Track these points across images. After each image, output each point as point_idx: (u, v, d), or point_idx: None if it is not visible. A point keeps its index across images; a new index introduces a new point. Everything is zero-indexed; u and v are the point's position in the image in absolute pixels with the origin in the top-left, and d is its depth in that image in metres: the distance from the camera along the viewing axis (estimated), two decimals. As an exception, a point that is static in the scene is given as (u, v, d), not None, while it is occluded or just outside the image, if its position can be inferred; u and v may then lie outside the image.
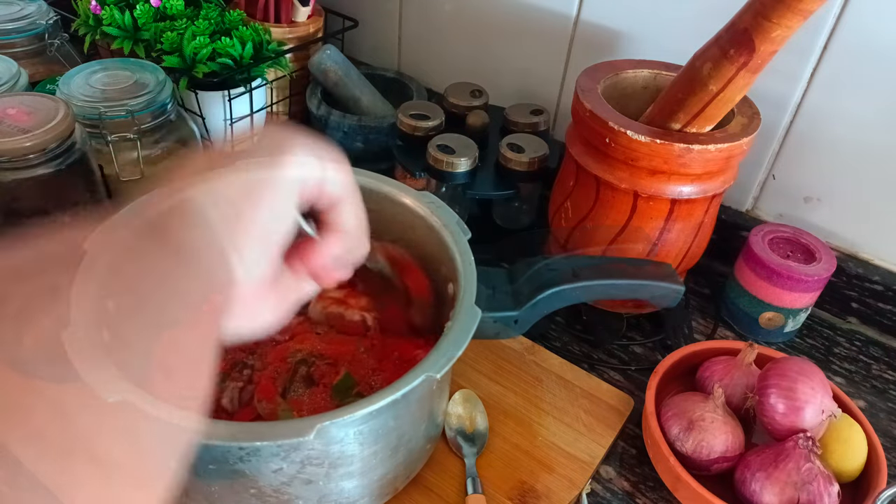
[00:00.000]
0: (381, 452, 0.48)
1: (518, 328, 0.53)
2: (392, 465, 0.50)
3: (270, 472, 0.44)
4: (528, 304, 0.52)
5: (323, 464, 0.45)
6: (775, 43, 0.52)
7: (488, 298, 0.52)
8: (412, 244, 0.60)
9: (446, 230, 0.55)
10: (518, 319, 0.53)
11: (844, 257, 0.75)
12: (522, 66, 0.90)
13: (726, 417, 0.57)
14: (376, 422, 0.45)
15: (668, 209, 0.63)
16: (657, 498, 0.59)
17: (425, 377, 0.43)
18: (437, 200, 0.58)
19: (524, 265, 0.56)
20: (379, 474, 0.50)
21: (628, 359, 0.71)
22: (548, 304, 0.54)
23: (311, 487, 0.46)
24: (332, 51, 0.87)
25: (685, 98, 0.59)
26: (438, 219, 0.56)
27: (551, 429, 0.62)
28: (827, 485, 0.53)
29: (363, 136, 0.89)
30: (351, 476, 0.47)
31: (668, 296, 0.55)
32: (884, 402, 0.69)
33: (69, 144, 0.68)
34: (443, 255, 0.55)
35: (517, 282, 0.54)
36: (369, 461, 0.48)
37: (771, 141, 0.75)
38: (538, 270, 0.55)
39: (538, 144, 0.75)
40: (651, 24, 0.77)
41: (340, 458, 0.45)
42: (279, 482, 0.45)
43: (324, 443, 0.44)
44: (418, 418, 0.51)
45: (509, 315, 0.52)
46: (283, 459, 0.43)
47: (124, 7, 0.86)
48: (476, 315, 0.47)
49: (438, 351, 0.45)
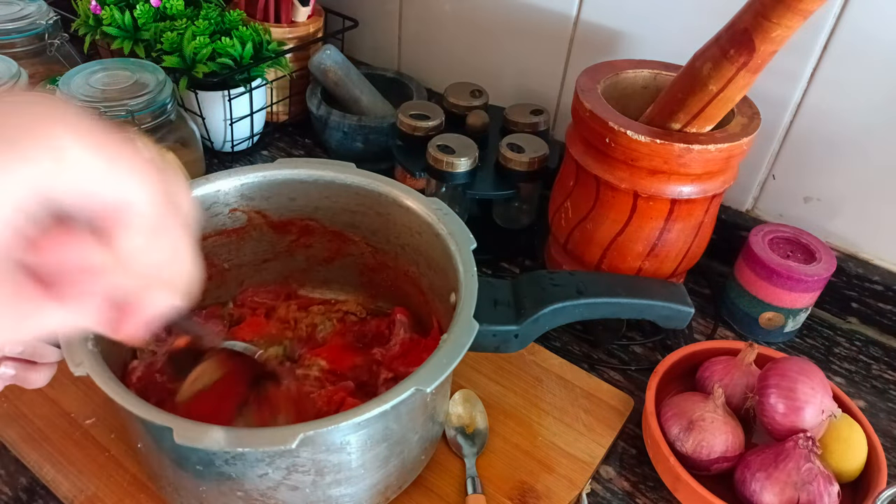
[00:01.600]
0: (370, 462, 0.47)
1: (518, 343, 0.52)
2: (382, 475, 0.50)
3: (256, 477, 0.44)
4: (529, 318, 0.51)
5: (309, 471, 0.44)
6: (775, 43, 0.52)
7: (490, 311, 0.51)
8: (418, 250, 0.60)
9: (452, 239, 0.54)
10: (519, 334, 0.52)
11: (844, 257, 0.75)
12: (522, 66, 0.90)
13: (726, 417, 0.57)
14: (364, 432, 0.45)
15: (668, 209, 0.63)
16: (657, 498, 0.59)
17: (414, 390, 0.42)
18: (444, 207, 0.57)
19: (528, 278, 0.55)
20: (368, 484, 0.49)
21: (628, 359, 0.71)
22: (550, 321, 0.53)
23: (297, 494, 0.46)
24: (332, 51, 0.87)
25: (685, 98, 0.59)
26: (445, 226, 0.56)
27: (551, 429, 0.61)
28: (827, 485, 0.53)
29: (363, 136, 0.89)
30: (338, 484, 0.47)
31: (676, 317, 0.54)
32: (884, 402, 0.69)
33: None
34: (447, 264, 0.54)
35: (520, 295, 0.53)
36: (357, 470, 0.47)
37: (771, 141, 0.75)
38: (542, 285, 0.53)
39: (538, 144, 0.75)
40: (651, 24, 0.77)
41: (327, 467, 0.45)
42: (265, 486, 0.45)
43: (309, 451, 0.43)
44: (410, 429, 0.50)
45: (510, 329, 0.51)
46: (268, 465, 0.43)
47: (124, 7, 0.86)
48: (473, 329, 0.47)
49: (430, 364, 0.44)
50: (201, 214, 0.59)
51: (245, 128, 0.92)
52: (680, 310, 0.53)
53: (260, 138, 0.98)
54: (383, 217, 0.61)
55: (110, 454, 0.56)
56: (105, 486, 0.54)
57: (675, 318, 0.54)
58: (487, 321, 0.49)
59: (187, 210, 0.28)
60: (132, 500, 0.53)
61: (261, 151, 0.97)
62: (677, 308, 0.53)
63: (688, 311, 0.53)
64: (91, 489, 0.54)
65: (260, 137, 0.97)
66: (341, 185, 0.61)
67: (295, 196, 0.62)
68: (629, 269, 0.67)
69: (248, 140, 0.95)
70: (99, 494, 0.53)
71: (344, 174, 0.61)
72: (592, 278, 0.56)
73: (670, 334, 0.73)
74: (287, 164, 0.61)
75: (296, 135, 1.01)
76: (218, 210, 0.60)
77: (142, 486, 0.54)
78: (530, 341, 0.53)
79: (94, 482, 0.54)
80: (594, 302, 0.53)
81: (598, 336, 0.72)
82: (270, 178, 0.61)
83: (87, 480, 0.54)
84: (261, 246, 0.65)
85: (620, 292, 0.53)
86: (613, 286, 0.54)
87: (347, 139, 0.90)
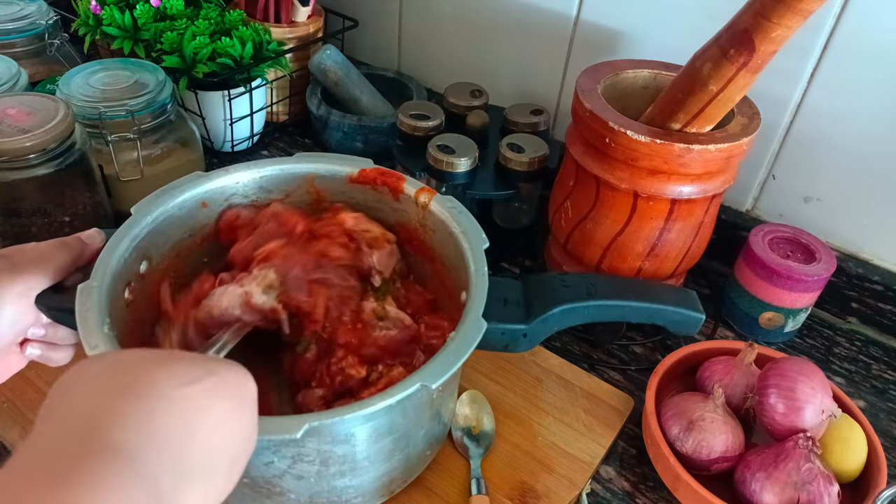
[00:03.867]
0: (375, 455, 0.48)
1: (527, 343, 0.52)
2: (387, 469, 0.50)
3: (262, 465, 0.44)
4: (538, 318, 0.51)
5: (314, 461, 0.45)
6: (775, 43, 0.52)
7: (499, 309, 0.51)
8: (431, 246, 0.60)
9: (464, 237, 0.55)
10: (527, 333, 0.51)
11: (844, 257, 0.75)
12: (522, 67, 0.90)
13: (726, 417, 0.57)
14: (370, 425, 0.45)
15: (668, 209, 0.63)
16: (657, 498, 0.59)
17: (419, 386, 0.42)
18: (458, 205, 0.57)
19: (538, 279, 0.55)
20: (372, 476, 0.49)
21: (628, 359, 0.71)
22: (559, 321, 0.52)
23: (302, 483, 0.46)
24: (332, 51, 0.87)
25: (685, 98, 0.59)
26: (458, 224, 0.56)
27: (551, 429, 0.62)
28: (827, 485, 0.53)
29: (363, 136, 0.89)
30: (343, 475, 0.47)
31: (687, 323, 0.53)
32: (884, 402, 0.69)
33: (69, 144, 0.68)
34: (459, 262, 0.55)
35: (530, 295, 0.53)
36: (362, 463, 0.47)
37: (771, 141, 0.75)
38: (552, 285, 0.53)
39: (538, 144, 0.75)
40: (651, 24, 0.77)
41: (332, 458, 0.45)
42: (271, 474, 0.45)
43: (315, 442, 0.44)
44: (416, 424, 0.50)
45: (519, 328, 0.51)
46: (273, 453, 0.44)
47: (124, 7, 0.86)
48: (481, 328, 0.47)
49: (437, 360, 0.44)
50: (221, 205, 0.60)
51: (245, 128, 0.92)
52: (691, 315, 0.53)
53: (260, 138, 0.98)
54: (399, 212, 0.61)
55: (110, 454, 0.56)
56: (105, 486, 0.54)
57: (685, 323, 0.53)
58: (496, 320, 0.49)
59: None
60: (132, 500, 0.53)
61: (261, 151, 0.97)
62: (688, 314, 0.53)
63: (699, 318, 0.53)
64: (91, 489, 0.54)
65: (260, 137, 0.97)
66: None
67: (312, 190, 0.63)
68: (629, 269, 0.67)
69: (248, 140, 0.95)
70: (99, 494, 0.53)
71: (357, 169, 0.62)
72: (603, 280, 0.55)
73: (670, 334, 0.73)
74: (306, 159, 0.62)
75: (296, 135, 1.01)
76: (237, 202, 0.61)
77: (142, 486, 0.54)
78: (539, 342, 0.53)
79: (94, 482, 0.54)
80: (604, 304, 0.52)
81: (598, 336, 0.72)
82: (289, 171, 0.61)
83: (87, 480, 0.54)
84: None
85: (631, 296, 0.53)
86: (624, 289, 0.54)
87: (347, 139, 0.90)
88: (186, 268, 0.59)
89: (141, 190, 0.69)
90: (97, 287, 0.47)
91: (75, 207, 0.71)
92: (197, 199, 0.58)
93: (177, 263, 0.58)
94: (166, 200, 0.55)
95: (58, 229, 0.71)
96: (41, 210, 0.69)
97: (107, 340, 0.44)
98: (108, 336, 0.44)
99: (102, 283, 0.48)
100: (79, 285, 0.47)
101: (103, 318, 0.45)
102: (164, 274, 0.57)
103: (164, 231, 0.55)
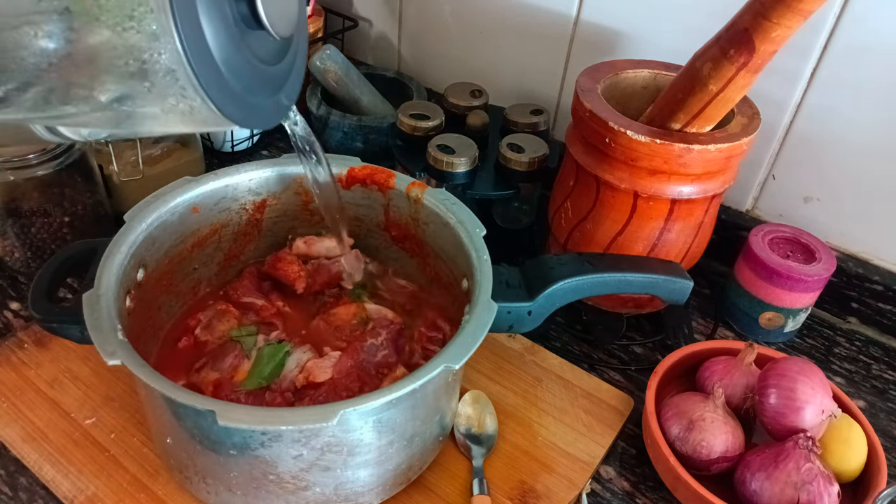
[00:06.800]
0: (398, 442, 0.49)
1: (532, 321, 0.54)
2: (406, 456, 0.51)
3: (291, 459, 0.45)
4: (541, 294, 0.53)
5: (342, 451, 0.46)
6: (775, 43, 0.52)
7: (502, 292, 0.53)
8: (424, 240, 0.61)
9: (461, 227, 0.57)
10: (532, 311, 0.54)
11: (844, 257, 0.75)
12: (522, 66, 0.90)
13: (726, 417, 0.57)
14: (395, 410, 0.47)
15: (668, 209, 0.63)
16: (657, 498, 0.59)
17: (444, 367, 0.44)
18: (451, 197, 0.59)
19: (535, 262, 0.57)
20: (395, 463, 0.50)
21: (628, 359, 0.71)
22: (561, 297, 0.55)
23: (328, 474, 0.47)
24: (332, 51, 0.87)
25: (685, 98, 0.59)
26: (453, 215, 0.58)
27: (551, 429, 0.62)
28: (827, 485, 0.53)
29: (363, 136, 0.89)
30: (367, 464, 0.48)
31: (678, 290, 0.56)
32: (884, 402, 0.69)
33: (69, 144, 0.68)
34: (457, 252, 0.57)
35: (529, 276, 0.55)
36: (385, 450, 0.48)
37: (771, 141, 0.75)
38: (549, 265, 0.55)
39: (538, 144, 0.75)
40: (651, 24, 0.77)
41: (359, 447, 0.46)
42: (298, 468, 0.46)
43: (344, 430, 0.45)
44: (434, 409, 0.52)
45: (523, 306, 0.53)
46: (303, 446, 0.44)
47: (124, 7, 0.86)
48: (493, 309, 0.49)
49: (456, 343, 0.46)
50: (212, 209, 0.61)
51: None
52: (680, 282, 0.56)
53: (260, 138, 0.97)
54: (389, 210, 0.63)
55: (110, 454, 0.56)
56: (105, 486, 0.54)
57: (677, 291, 0.56)
58: (501, 300, 0.51)
59: None
60: (132, 500, 0.53)
61: (260, 151, 0.97)
62: (678, 281, 0.55)
63: (687, 284, 0.56)
64: (91, 489, 0.54)
65: (260, 137, 0.97)
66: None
67: (301, 191, 0.64)
68: (629, 269, 0.67)
69: (248, 140, 0.95)
70: (99, 494, 0.53)
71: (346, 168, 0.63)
72: (597, 256, 0.58)
73: (670, 334, 0.73)
74: (294, 161, 0.62)
75: (296, 135, 1.01)
76: (227, 205, 0.62)
77: (142, 487, 0.54)
78: (542, 320, 0.55)
79: (94, 482, 0.54)
80: (604, 277, 0.54)
81: (598, 336, 0.72)
82: (277, 173, 0.63)
83: (87, 480, 0.54)
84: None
85: (626, 267, 0.55)
86: (618, 262, 0.57)
87: (347, 139, 0.90)
88: (178, 275, 0.60)
89: (141, 190, 0.69)
90: (103, 295, 0.47)
91: (75, 207, 0.71)
92: (188, 203, 0.58)
93: (170, 271, 0.59)
94: (159, 206, 0.56)
95: (58, 229, 0.71)
96: (41, 210, 0.69)
97: (123, 347, 0.44)
98: (123, 343, 0.44)
99: (108, 291, 0.48)
100: (83, 294, 0.47)
101: (114, 324, 0.45)
102: (158, 282, 0.57)
103: (157, 237, 0.56)
